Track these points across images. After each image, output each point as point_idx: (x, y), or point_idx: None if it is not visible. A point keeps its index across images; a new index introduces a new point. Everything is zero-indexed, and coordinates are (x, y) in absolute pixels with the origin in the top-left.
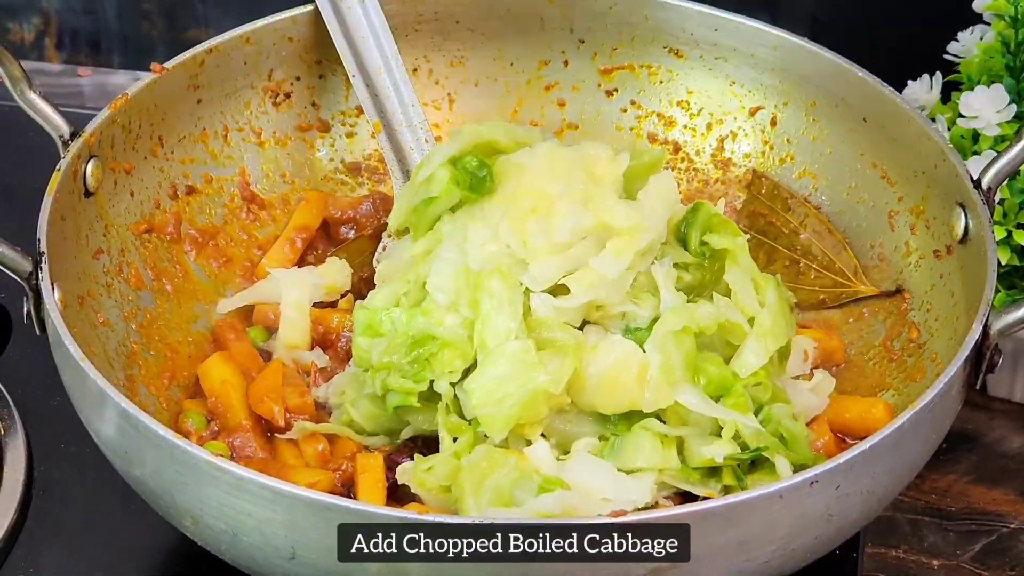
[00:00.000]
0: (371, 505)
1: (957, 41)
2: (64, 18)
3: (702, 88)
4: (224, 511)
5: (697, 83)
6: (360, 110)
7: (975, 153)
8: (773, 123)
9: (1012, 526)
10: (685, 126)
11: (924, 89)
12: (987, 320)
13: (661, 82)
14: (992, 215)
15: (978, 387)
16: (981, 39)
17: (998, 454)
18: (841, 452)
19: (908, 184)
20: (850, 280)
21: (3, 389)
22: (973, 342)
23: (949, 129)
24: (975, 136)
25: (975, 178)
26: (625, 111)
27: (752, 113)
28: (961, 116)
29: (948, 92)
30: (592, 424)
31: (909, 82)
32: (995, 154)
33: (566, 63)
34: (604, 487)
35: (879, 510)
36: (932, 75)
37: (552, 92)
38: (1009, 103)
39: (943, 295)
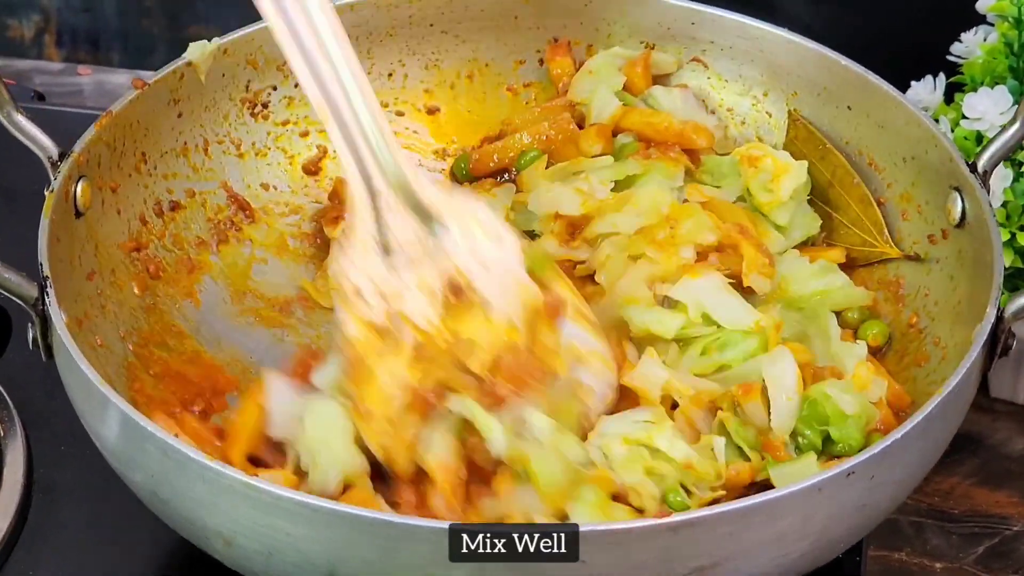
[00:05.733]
0: (416, 518)
1: (960, 42)
2: (64, 15)
3: (681, 81)
4: (259, 531)
5: (676, 77)
6: None
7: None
8: (753, 113)
9: (1015, 528)
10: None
11: (927, 90)
12: (1000, 303)
13: None
14: (990, 195)
15: (991, 370)
16: (984, 40)
17: (1001, 456)
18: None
19: (897, 170)
20: (876, 239)
21: (2, 391)
22: (989, 325)
23: (952, 130)
24: (979, 137)
25: (971, 161)
26: None
27: (732, 104)
28: (964, 117)
29: (951, 93)
30: None
31: (912, 83)
32: (1007, 167)
33: (541, 62)
34: None
35: (906, 496)
36: (935, 76)
37: (529, 91)
38: (1013, 105)
39: (941, 279)
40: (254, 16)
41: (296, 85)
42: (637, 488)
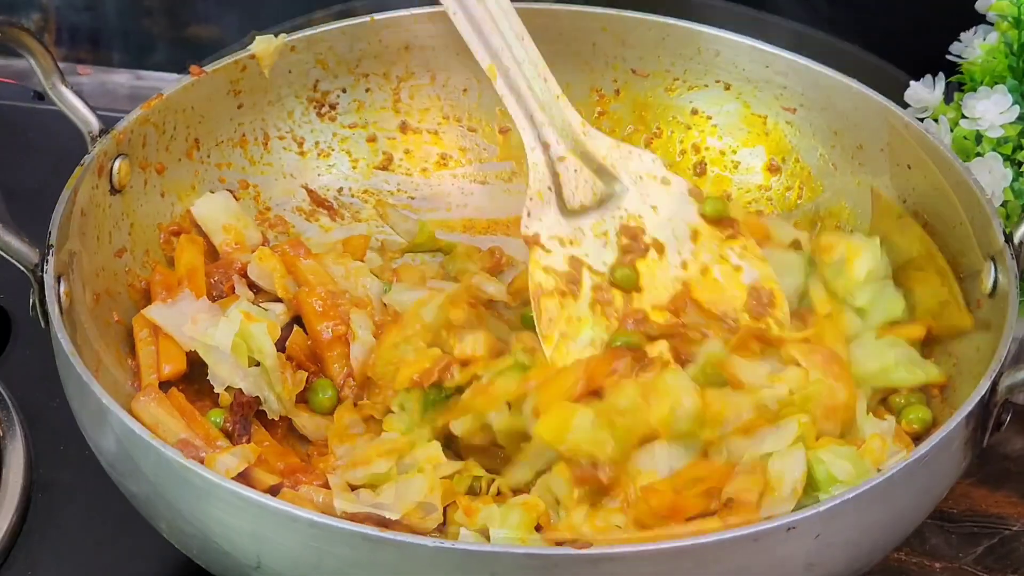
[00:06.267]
0: (333, 518)
1: (960, 42)
2: (64, 14)
3: (751, 125)
4: (196, 516)
5: (747, 120)
6: (404, 127)
7: (978, 155)
8: (821, 164)
9: (1015, 528)
10: (732, 163)
11: (927, 90)
12: (997, 377)
13: (709, 117)
14: (1020, 271)
15: (984, 445)
16: (984, 40)
17: (1001, 456)
18: None
19: (946, 235)
20: (952, 313)
21: (3, 390)
22: (977, 398)
23: (952, 130)
24: (978, 138)
25: (1007, 232)
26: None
27: (797, 154)
28: (964, 118)
29: (951, 93)
30: None
31: (912, 82)
32: (1007, 167)
33: (618, 92)
34: None
35: (870, 564)
36: (935, 76)
37: (604, 120)
38: (1012, 105)
39: (968, 348)
40: (256, 17)
41: (368, 90)
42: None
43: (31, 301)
